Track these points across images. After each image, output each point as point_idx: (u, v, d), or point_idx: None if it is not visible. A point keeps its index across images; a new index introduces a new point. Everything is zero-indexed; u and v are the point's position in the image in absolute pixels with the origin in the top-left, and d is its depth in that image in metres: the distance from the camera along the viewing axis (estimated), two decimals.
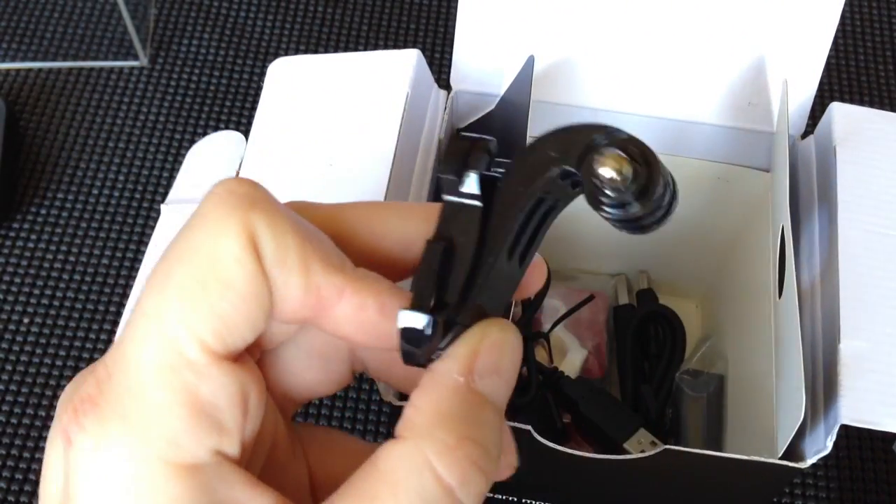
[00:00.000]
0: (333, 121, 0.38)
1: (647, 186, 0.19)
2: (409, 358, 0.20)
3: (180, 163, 0.45)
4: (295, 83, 0.39)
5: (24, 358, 0.50)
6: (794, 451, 0.34)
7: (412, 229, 0.22)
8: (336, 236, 0.21)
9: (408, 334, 0.20)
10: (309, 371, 0.24)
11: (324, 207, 0.22)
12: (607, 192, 0.19)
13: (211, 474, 0.20)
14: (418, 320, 0.19)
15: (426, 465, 0.19)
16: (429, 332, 0.19)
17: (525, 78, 0.39)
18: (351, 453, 0.24)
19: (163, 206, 0.36)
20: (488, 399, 0.20)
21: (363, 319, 0.21)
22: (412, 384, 0.20)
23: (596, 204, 0.20)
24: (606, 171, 0.19)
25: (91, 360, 0.50)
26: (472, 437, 0.20)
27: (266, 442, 0.22)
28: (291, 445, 0.24)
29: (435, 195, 0.42)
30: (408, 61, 0.39)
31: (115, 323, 0.51)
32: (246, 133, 0.38)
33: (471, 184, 0.20)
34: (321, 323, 0.21)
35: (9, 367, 0.50)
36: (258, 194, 0.20)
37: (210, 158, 0.39)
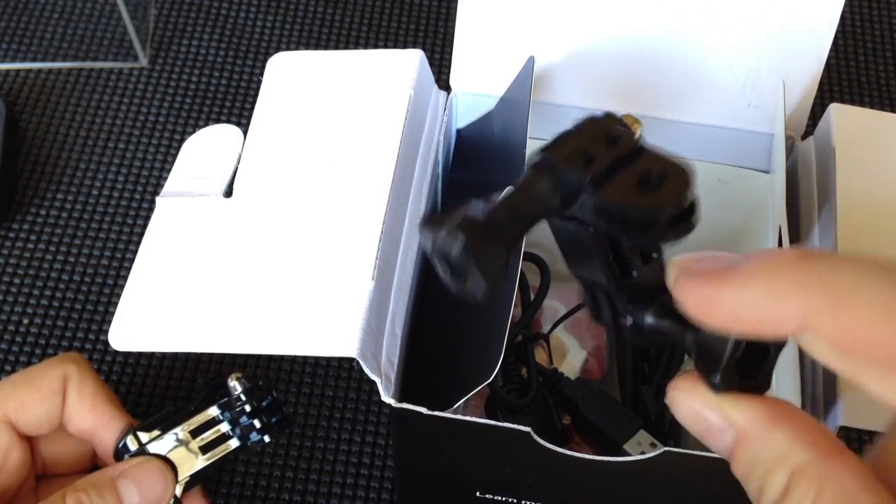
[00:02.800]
0: (335, 119, 0.38)
1: None
2: None
3: None
4: (295, 79, 0.39)
5: (23, 358, 0.50)
6: None
7: None
8: None
9: None
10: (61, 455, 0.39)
11: None
12: None
13: None
14: None
15: None
16: None
17: (525, 78, 0.39)
18: None
19: (158, 199, 0.36)
20: None
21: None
22: None
23: None
24: None
25: (90, 361, 0.50)
26: None
27: (8, 494, 0.36)
28: None
29: (435, 196, 0.42)
30: (411, 61, 0.39)
31: None
32: (245, 132, 0.38)
33: None
34: (95, 440, 0.37)
35: (8, 368, 0.50)
36: (79, 358, 0.38)
37: (206, 152, 0.39)
